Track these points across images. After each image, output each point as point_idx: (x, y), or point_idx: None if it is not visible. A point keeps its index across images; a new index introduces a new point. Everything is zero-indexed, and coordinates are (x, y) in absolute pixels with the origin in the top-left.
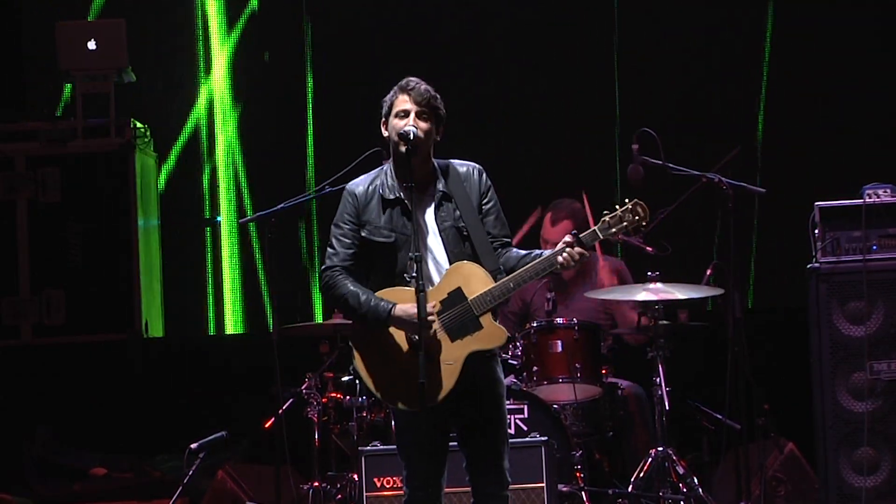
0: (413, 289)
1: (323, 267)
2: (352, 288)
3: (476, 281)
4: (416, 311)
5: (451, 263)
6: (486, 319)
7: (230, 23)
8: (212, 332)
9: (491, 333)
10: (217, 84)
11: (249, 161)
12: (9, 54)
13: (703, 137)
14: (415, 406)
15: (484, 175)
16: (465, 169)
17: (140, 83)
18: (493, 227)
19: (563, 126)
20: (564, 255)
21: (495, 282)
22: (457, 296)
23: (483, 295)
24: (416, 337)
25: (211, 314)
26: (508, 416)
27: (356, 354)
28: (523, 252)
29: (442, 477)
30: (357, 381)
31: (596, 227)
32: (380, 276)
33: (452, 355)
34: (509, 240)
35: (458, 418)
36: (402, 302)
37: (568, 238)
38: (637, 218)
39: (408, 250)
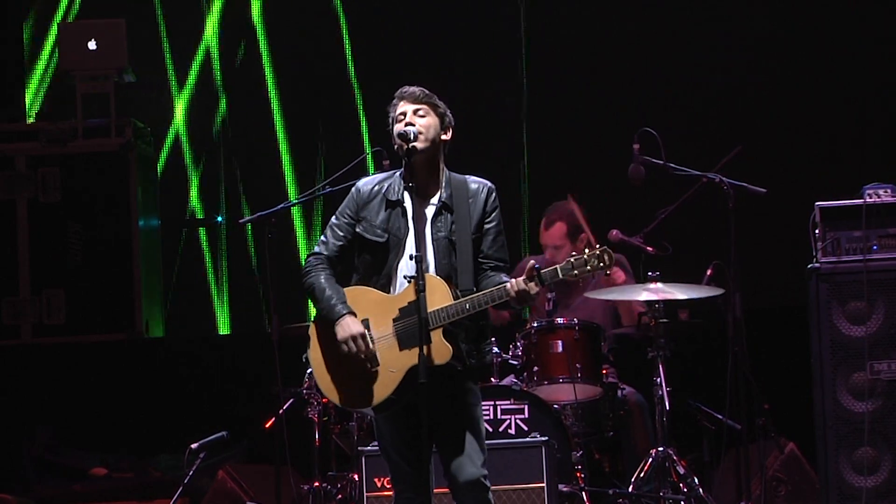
0: (378, 291)
1: (309, 252)
2: (322, 280)
3: (437, 296)
4: (355, 330)
5: (437, 273)
6: (437, 335)
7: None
8: (212, 332)
9: (436, 350)
10: (220, 83)
11: (248, 160)
12: (9, 54)
13: (703, 137)
14: (354, 405)
15: (493, 195)
16: (475, 185)
17: (140, 82)
18: (489, 247)
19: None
20: (512, 285)
21: (455, 300)
22: (416, 307)
23: (439, 311)
24: (371, 340)
25: (211, 314)
26: (509, 417)
27: (313, 343)
28: (504, 277)
29: (428, 477)
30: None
31: (558, 266)
32: (367, 274)
33: (397, 363)
34: (504, 264)
35: (433, 428)
36: (366, 302)
37: (528, 271)
38: (601, 265)
39: (398, 252)
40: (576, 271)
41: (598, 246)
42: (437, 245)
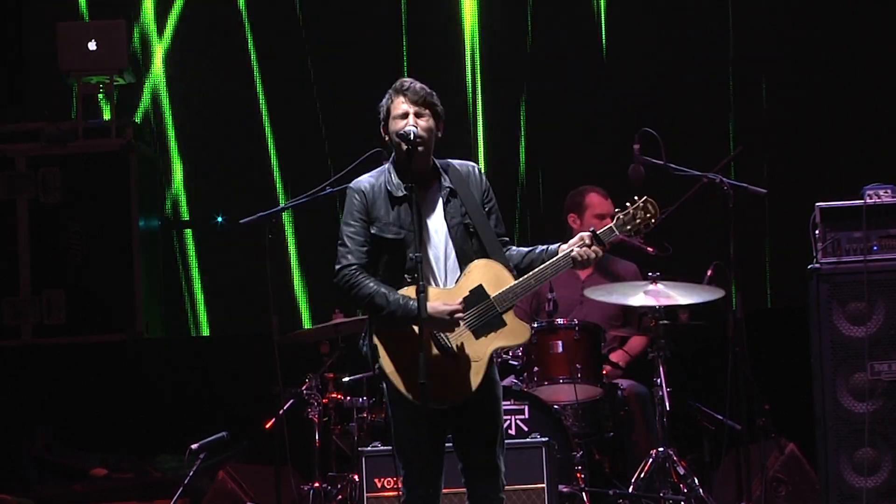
0: (434, 287)
1: (338, 266)
2: (374, 286)
3: (498, 278)
4: (446, 308)
5: (458, 260)
6: (510, 316)
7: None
8: (211, 332)
9: (515, 330)
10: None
11: (249, 160)
12: (9, 54)
13: (703, 137)
14: (446, 402)
15: (482, 173)
16: (464, 168)
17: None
18: (495, 225)
19: (560, 126)
20: (578, 251)
21: (517, 279)
22: (479, 293)
23: (505, 292)
24: (445, 336)
25: (211, 315)
26: (509, 417)
27: (382, 354)
28: (526, 249)
29: (440, 478)
30: (364, 382)
31: (612, 225)
32: (389, 273)
33: (477, 353)
34: (508, 238)
35: (455, 420)
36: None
37: (587, 237)
38: (648, 215)
39: (416, 248)
40: (628, 226)
41: (638, 197)
42: (454, 232)
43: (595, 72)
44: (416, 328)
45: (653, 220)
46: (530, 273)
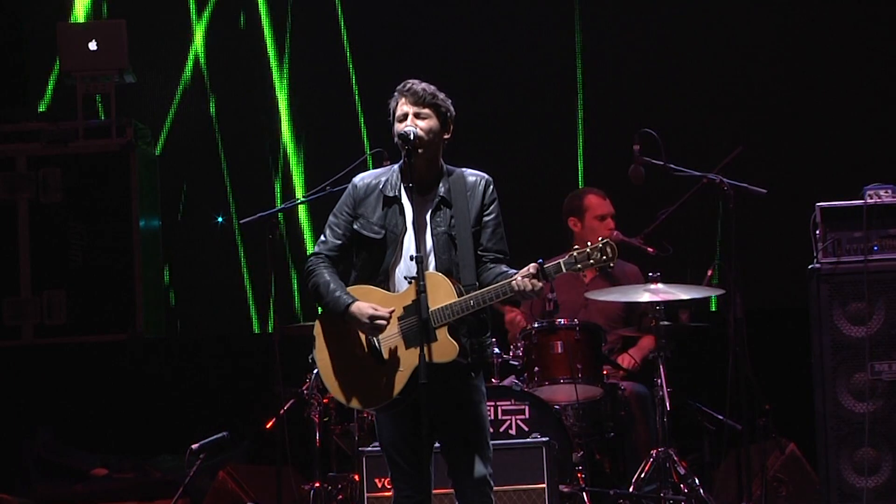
0: (383, 290)
1: (310, 252)
2: (325, 276)
3: (441, 293)
4: (370, 311)
5: (437, 268)
6: (442, 332)
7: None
8: (212, 332)
9: (442, 347)
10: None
11: (249, 160)
12: (10, 54)
13: (703, 137)
14: (363, 405)
15: (491, 187)
16: (473, 179)
17: (140, 82)
18: (488, 240)
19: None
20: (518, 280)
21: (459, 297)
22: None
23: (443, 308)
24: (377, 339)
25: (211, 314)
26: (509, 417)
27: (319, 344)
28: (504, 269)
29: (426, 478)
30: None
31: (561, 261)
32: (365, 271)
33: (404, 362)
34: (503, 256)
35: (438, 424)
36: (370, 301)
37: (532, 267)
38: (604, 258)
39: (395, 249)
40: (579, 265)
41: (601, 239)
42: (436, 240)
43: (597, 70)
44: (361, 332)
45: (610, 265)
46: (472, 294)
